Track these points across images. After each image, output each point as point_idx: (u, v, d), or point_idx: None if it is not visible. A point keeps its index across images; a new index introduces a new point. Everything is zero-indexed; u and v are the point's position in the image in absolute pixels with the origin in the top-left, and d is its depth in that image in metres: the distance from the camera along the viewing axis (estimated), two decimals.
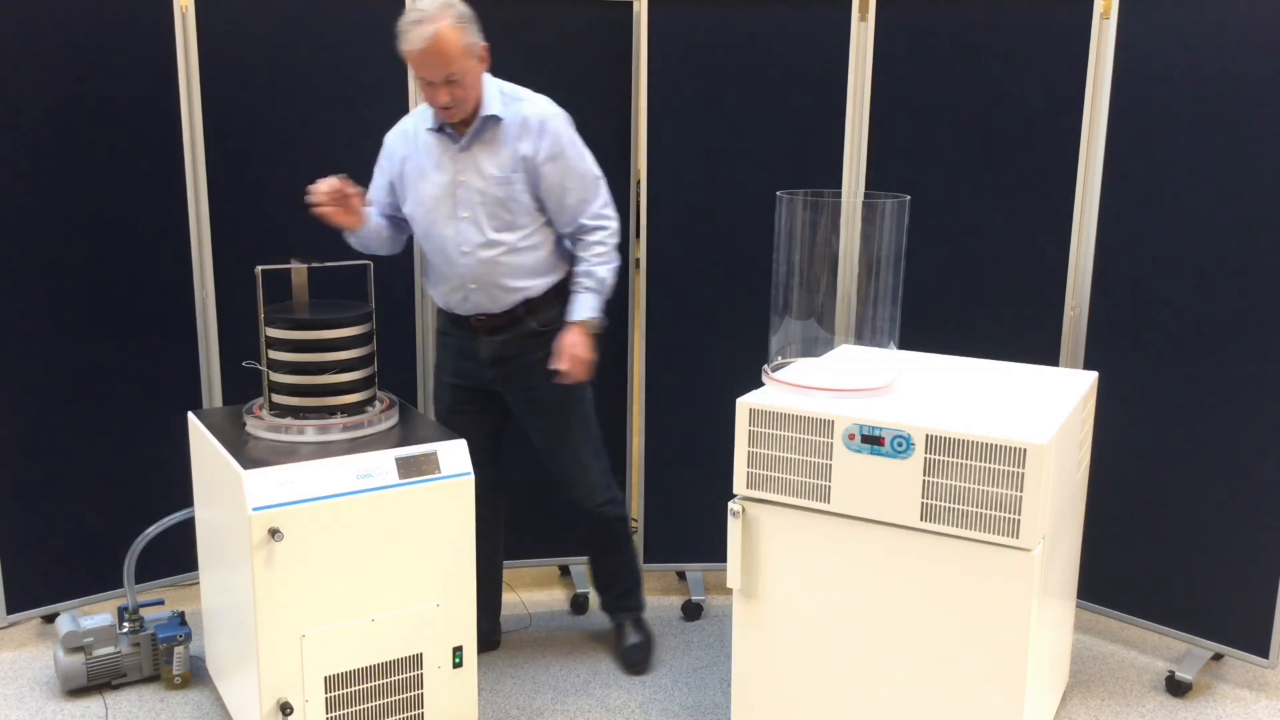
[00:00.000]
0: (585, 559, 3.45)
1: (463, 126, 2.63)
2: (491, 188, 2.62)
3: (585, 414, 2.84)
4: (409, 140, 2.71)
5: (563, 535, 3.42)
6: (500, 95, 2.63)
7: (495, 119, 2.61)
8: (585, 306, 2.67)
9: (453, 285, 2.71)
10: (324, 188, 2.53)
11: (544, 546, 3.41)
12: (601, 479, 2.87)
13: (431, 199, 2.66)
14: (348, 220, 2.62)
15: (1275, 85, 2.67)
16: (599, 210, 2.70)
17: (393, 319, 3.22)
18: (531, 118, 2.62)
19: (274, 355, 2.53)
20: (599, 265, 2.69)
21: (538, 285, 2.70)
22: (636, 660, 2.99)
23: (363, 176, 3.11)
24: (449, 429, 2.82)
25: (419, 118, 2.71)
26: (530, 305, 2.71)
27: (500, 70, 3.12)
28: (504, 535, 3.08)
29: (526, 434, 2.96)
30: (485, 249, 2.65)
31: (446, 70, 2.48)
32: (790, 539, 2.37)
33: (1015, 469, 2.13)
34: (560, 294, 2.74)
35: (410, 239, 2.91)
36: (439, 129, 2.65)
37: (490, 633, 3.09)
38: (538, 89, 3.17)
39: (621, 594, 3.05)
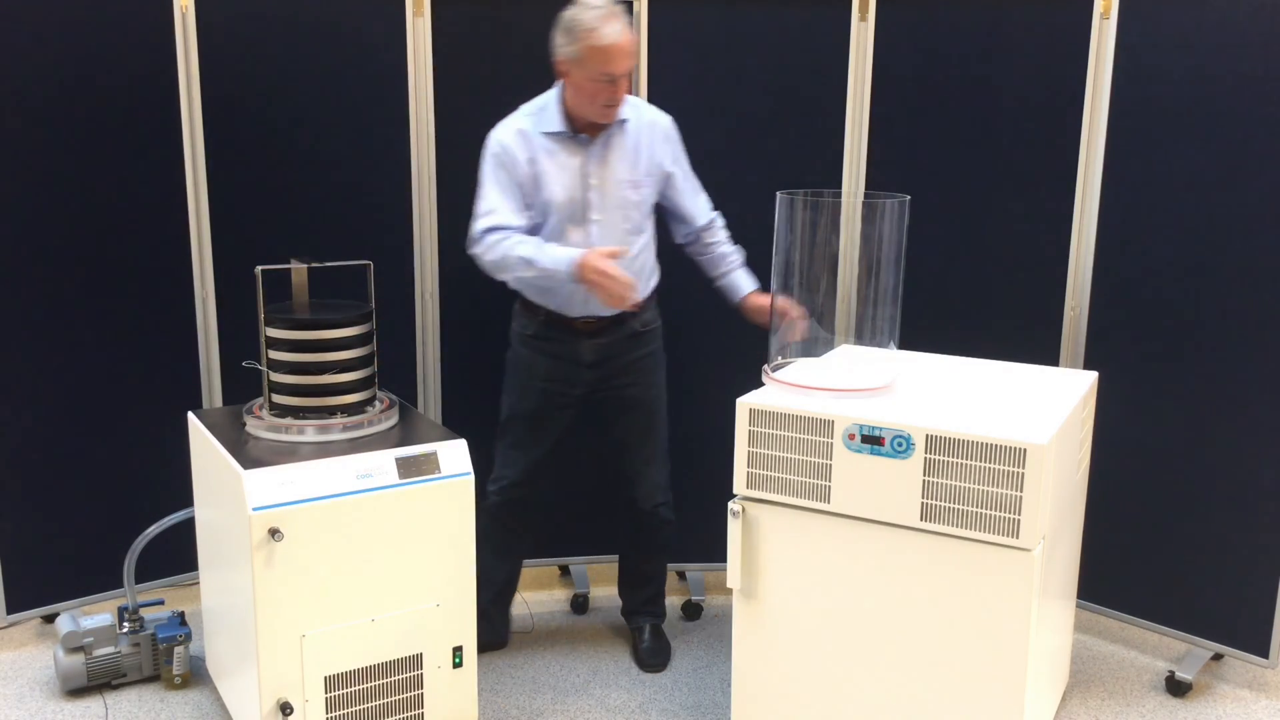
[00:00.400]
0: (590, 559, 3.45)
1: (592, 129, 2.65)
2: (624, 191, 2.69)
3: (664, 416, 2.93)
4: (527, 142, 2.66)
5: (563, 535, 3.41)
6: (626, 98, 2.69)
7: (623, 122, 2.69)
8: (749, 278, 2.88)
9: (570, 288, 2.69)
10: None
11: (544, 546, 3.41)
12: (664, 481, 2.96)
13: (562, 202, 2.66)
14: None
15: (1275, 85, 2.67)
16: (709, 204, 2.89)
17: (393, 319, 3.22)
18: (658, 123, 2.74)
19: (274, 355, 2.53)
20: (735, 247, 2.90)
21: (647, 287, 2.80)
22: (655, 663, 3.01)
23: (363, 176, 3.12)
24: (532, 431, 2.84)
25: (527, 120, 2.68)
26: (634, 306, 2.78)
27: (501, 71, 3.12)
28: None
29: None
30: (627, 255, 2.70)
31: (630, 64, 2.55)
32: (790, 539, 2.37)
33: (1015, 469, 2.13)
34: (653, 299, 2.87)
35: None
36: (561, 132, 2.64)
37: (503, 634, 3.11)
38: (538, 89, 3.17)
39: (650, 598, 3.09)
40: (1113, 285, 2.98)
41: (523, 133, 2.66)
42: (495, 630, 3.06)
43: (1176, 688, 2.90)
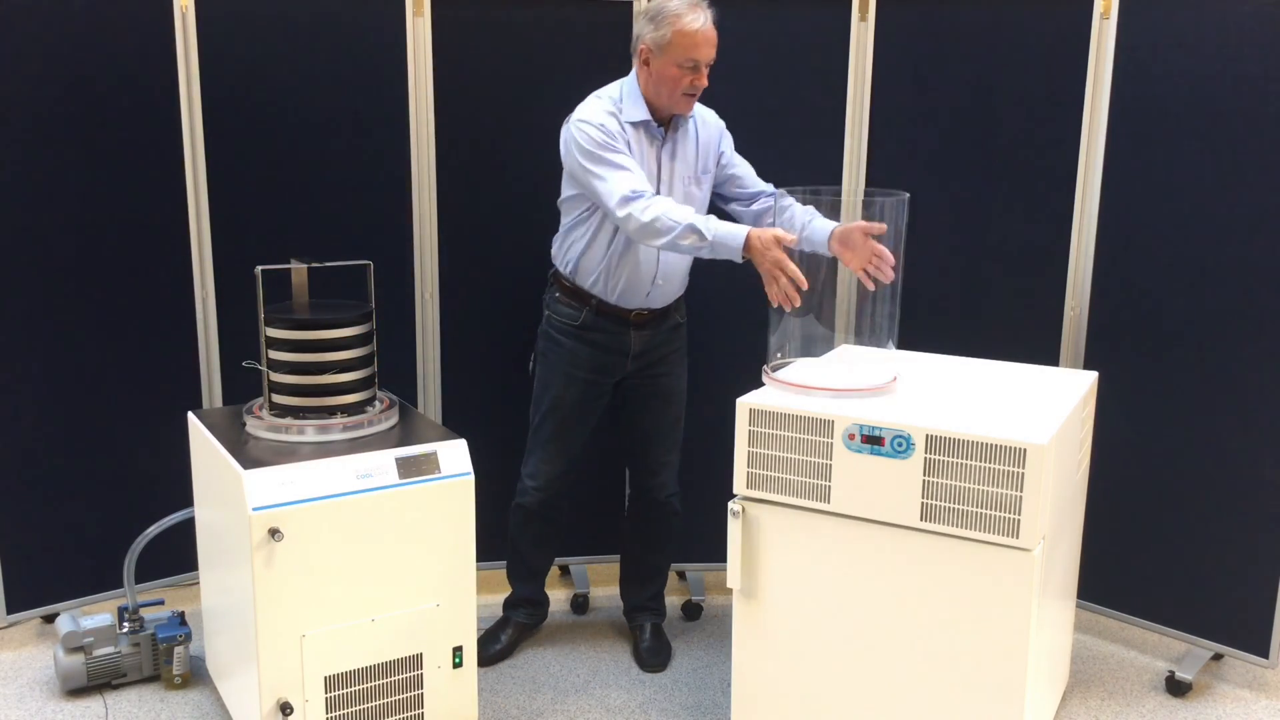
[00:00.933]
0: (590, 559, 3.45)
1: (665, 121, 2.74)
2: (689, 186, 2.74)
3: (681, 413, 2.98)
4: (620, 126, 2.67)
5: (563, 535, 3.41)
6: None
7: (690, 117, 2.74)
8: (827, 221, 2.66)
9: (641, 279, 2.76)
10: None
11: None
12: (673, 474, 3.00)
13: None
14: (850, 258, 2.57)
15: (1275, 85, 2.67)
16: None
17: (393, 319, 3.22)
18: (708, 118, 2.80)
19: (274, 355, 2.53)
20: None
21: (687, 278, 2.89)
22: (656, 663, 3.02)
23: (363, 176, 3.11)
24: (572, 423, 2.87)
25: (611, 105, 2.68)
26: (679, 300, 2.89)
27: (501, 69, 3.12)
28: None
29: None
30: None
31: (713, 53, 2.62)
32: (790, 539, 2.37)
33: (1015, 469, 2.13)
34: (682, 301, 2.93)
35: None
36: (644, 121, 2.68)
37: (546, 606, 3.20)
38: (538, 89, 3.18)
39: (654, 595, 3.11)
40: (1113, 285, 2.98)
41: (614, 116, 2.67)
42: (543, 610, 3.18)
43: (1176, 688, 2.90)
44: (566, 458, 2.93)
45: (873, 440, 2.25)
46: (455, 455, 2.49)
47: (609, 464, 3.39)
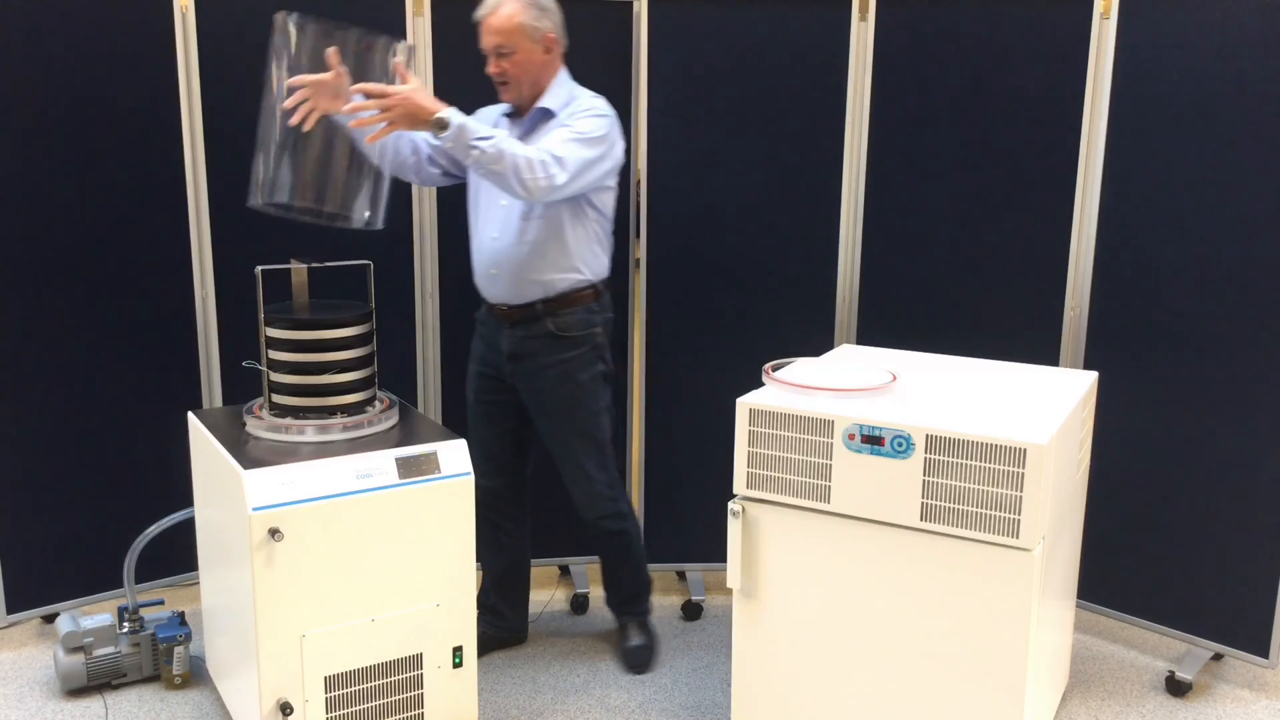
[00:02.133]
0: (590, 559, 3.45)
1: (523, 111, 2.72)
2: None
3: (590, 426, 2.83)
4: (492, 116, 2.80)
5: (563, 535, 3.41)
6: (567, 94, 2.71)
7: (549, 114, 2.68)
8: (465, 118, 2.41)
9: (482, 268, 2.79)
10: (298, 93, 2.38)
11: (544, 546, 3.40)
12: (605, 492, 2.87)
13: (483, 181, 2.74)
14: (336, 106, 2.42)
15: (1274, 85, 2.67)
16: (552, 151, 2.51)
17: (393, 319, 3.22)
18: (587, 105, 2.68)
19: (274, 355, 2.53)
20: (514, 142, 2.46)
21: (556, 281, 2.72)
22: (639, 661, 3.00)
23: None
24: (474, 417, 2.84)
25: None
26: (549, 305, 2.73)
27: None
28: (530, 532, 3.10)
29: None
30: (509, 237, 2.70)
31: (496, 40, 2.61)
32: (790, 539, 2.37)
33: (1015, 469, 2.13)
34: (581, 302, 2.77)
35: (441, 187, 3.02)
36: (509, 114, 2.76)
37: (520, 630, 3.12)
38: None
39: (626, 599, 3.06)
40: (1113, 285, 2.98)
41: (496, 107, 2.82)
42: (507, 624, 3.08)
43: (1176, 688, 2.90)
44: (484, 454, 2.92)
45: (873, 440, 2.25)
46: (455, 455, 2.49)
47: None
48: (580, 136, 2.58)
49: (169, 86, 3.01)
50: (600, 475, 2.86)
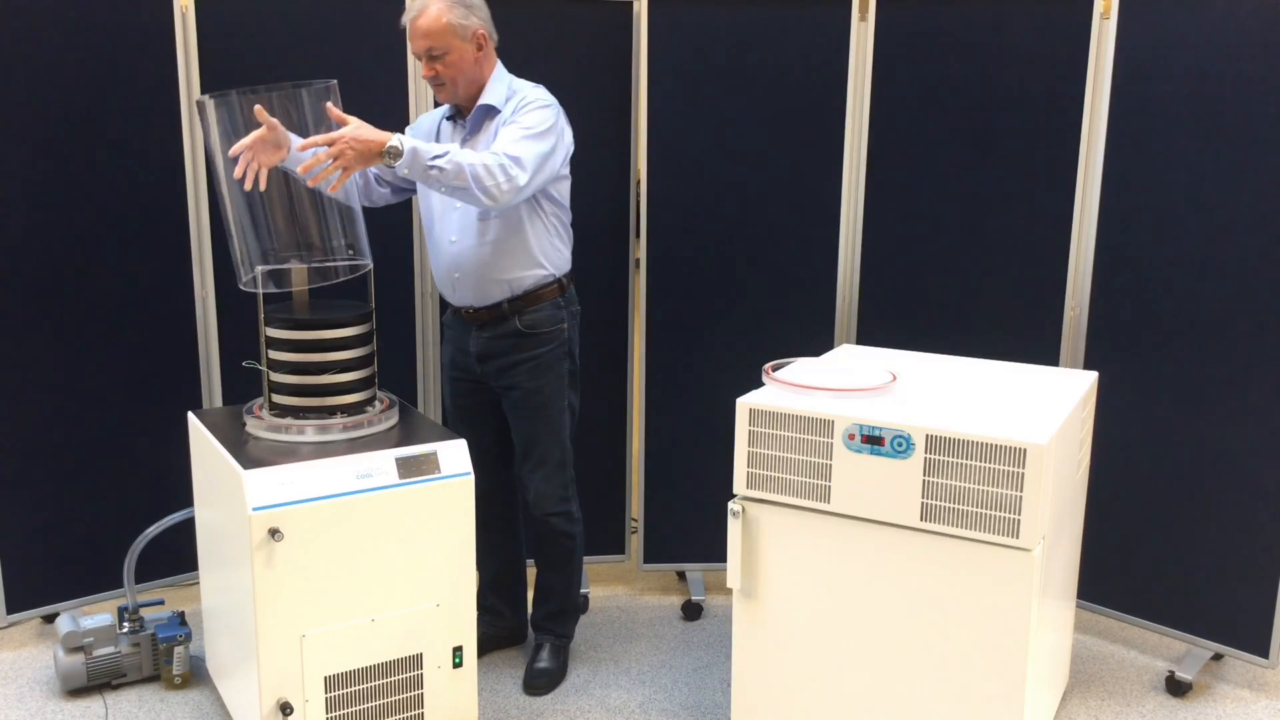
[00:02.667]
0: (590, 559, 3.45)
1: (465, 113, 2.69)
2: None
3: (555, 423, 2.80)
4: (433, 122, 2.79)
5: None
6: (507, 89, 2.67)
7: (493, 110, 2.65)
8: (416, 141, 2.37)
9: (443, 273, 2.76)
10: (241, 156, 2.37)
11: None
12: (556, 491, 2.83)
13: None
14: (278, 157, 2.42)
15: (1275, 85, 2.67)
16: (507, 151, 2.47)
17: (393, 319, 3.22)
18: (530, 96, 2.63)
19: (274, 355, 2.53)
20: (466, 152, 2.41)
21: (520, 279, 2.70)
22: (539, 685, 2.89)
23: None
24: (454, 423, 2.84)
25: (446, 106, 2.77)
26: (515, 304, 2.71)
27: None
28: (522, 531, 3.07)
29: None
30: (469, 239, 2.67)
31: (427, 44, 2.56)
32: (790, 539, 2.37)
33: (1015, 469, 2.13)
34: (547, 298, 2.74)
35: (394, 205, 2.95)
36: (450, 117, 2.73)
37: (519, 629, 3.11)
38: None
39: (550, 614, 2.97)
40: (1113, 285, 2.98)
41: (433, 115, 2.81)
42: (506, 624, 3.07)
43: (1176, 688, 2.90)
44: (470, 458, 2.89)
45: (873, 440, 2.25)
46: (455, 455, 2.49)
47: (610, 465, 3.39)
48: (530, 132, 2.54)
49: (169, 86, 3.01)
50: (558, 474, 2.83)
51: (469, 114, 2.68)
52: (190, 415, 2.70)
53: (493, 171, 2.43)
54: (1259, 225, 2.73)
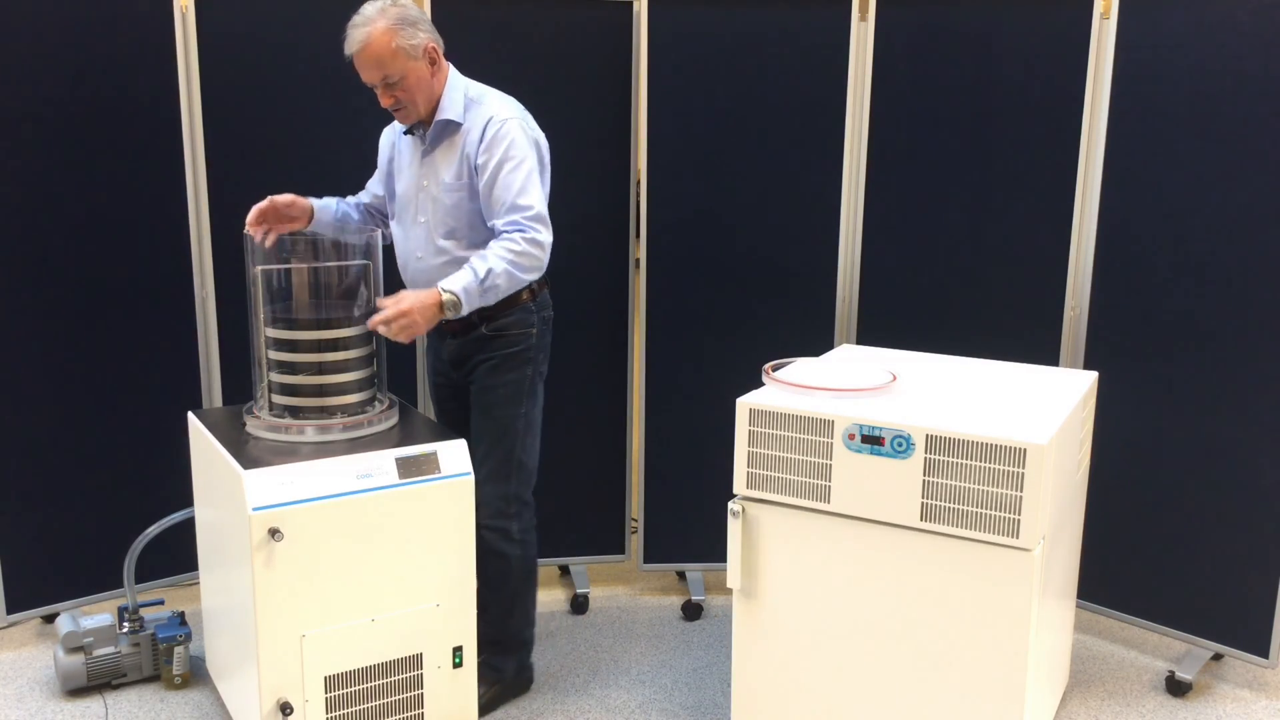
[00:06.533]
0: (591, 559, 3.45)
1: (427, 130, 2.62)
2: (443, 195, 2.59)
3: (502, 429, 2.66)
4: (396, 136, 2.74)
5: (562, 535, 3.41)
6: (464, 99, 2.59)
7: (453, 124, 2.58)
8: (455, 279, 2.45)
9: (407, 283, 2.72)
10: (253, 216, 2.59)
11: (543, 547, 3.40)
12: (494, 502, 2.66)
13: (402, 199, 2.69)
14: (291, 227, 2.67)
15: (1274, 85, 2.67)
16: (518, 218, 2.51)
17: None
18: (487, 121, 2.54)
19: (274, 355, 2.53)
20: (496, 254, 2.47)
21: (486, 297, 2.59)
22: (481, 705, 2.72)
23: (363, 176, 3.11)
24: (442, 426, 2.83)
25: None
26: (485, 311, 2.61)
27: (501, 70, 3.12)
28: None
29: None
30: (433, 256, 2.64)
31: (381, 73, 2.49)
32: (790, 539, 2.37)
33: (1015, 469, 2.13)
34: (517, 303, 2.64)
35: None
36: (410, 131, 2.66)
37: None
38: (538, 89, 3.17)
39: (486, 640, 2.75)
40: (1113, 285, 2.98)
41: (395, 128, 2.75)
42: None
43: (1176, 688, 2.90)
44: None
45: (873, 440, 2.25)
46: (455, 455, 2.49)
47: (610, 465, 3.40)
48: (518, 168, 2.50)
49: (169, 86, 3.01)
50: (499, 483, 2.66)
51: (429, 126, 2.60)
52: (190, 415, 2.70)
53: (527, 253, 2.49)
54: (1259, 225, 2.73)
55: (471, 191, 2.58)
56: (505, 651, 2.78)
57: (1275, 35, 2.65)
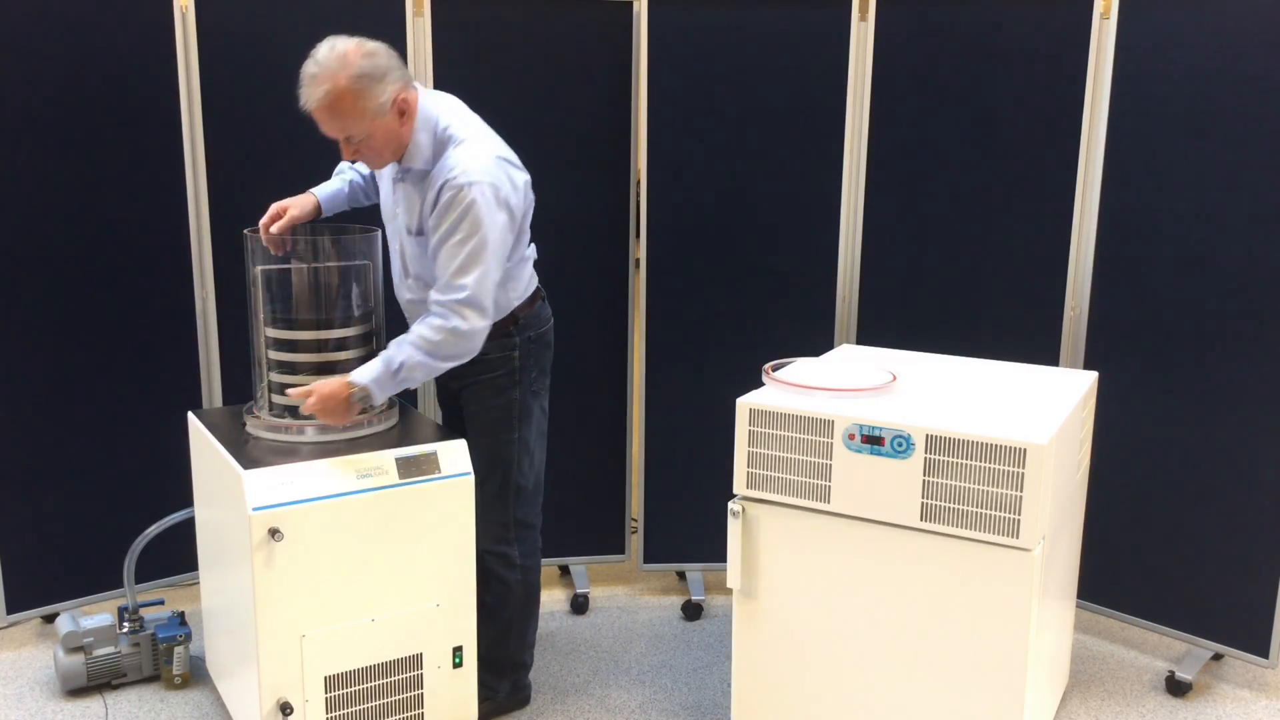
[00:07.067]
0: (590, 559, 3.45)
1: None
2: (406, 238, 2.51)
3: (495, 454, 2.60)
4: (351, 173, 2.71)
5: (562, 535, 3.41)
6: (433, 141, 2.40)
7: (426, 171, 2.42)
8: (365, 369, 2.38)
9: (408, 317, 2.66)
10: (270, 231, 2.52)
11: (543, 547, 3.40)
12: (492, 528, 2.62)
13: (383, 211, 2.62)
14: (302, 220, 2.57)
15: (1274, 85, 2.67)
16: (449, 299, 2.34)
17: (393, 319, 3.22)
18: (444, 182, 2.33)
19: (274, 355, 2.53)
20: (413, 341, 2.36)
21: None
22: None
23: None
24: (449, 430, 2.83)
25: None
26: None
27: (501, 70, 3.12)
28: None
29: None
30: (405, 291, 2.60)
31: (343, 132, 2.33)
32: (790, 539, 2.37)
33: (1015, 469, 2.13)
34: (499, 328, 2.53)
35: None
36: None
37: None
38: (538, 89, 3.17)
39: (481, 656, 2.70)
40: (1113, 285, 2.98)
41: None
42: None
43: (1176, 688, 2.90)
44: None
45: (873, 440, 2.25)
46: (455, 455, 2.49)
47: (610, 465, 3.40)
48: (460, 246, 2.32)
49: (169, 86, 3.01)
50: (496, 509, 2.61)
51: (399, 169, 2.47)
52: (190, 415, 2.70)
53: (446, 341, 2.35)
54: (1259, 225, 2.73)
55: (427, 246, 2.45)
56: (499, 672, 2.74)
57: (1275, 35, 2.65)
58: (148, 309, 3.09)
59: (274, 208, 2.57)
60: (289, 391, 2.44)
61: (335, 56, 2.28)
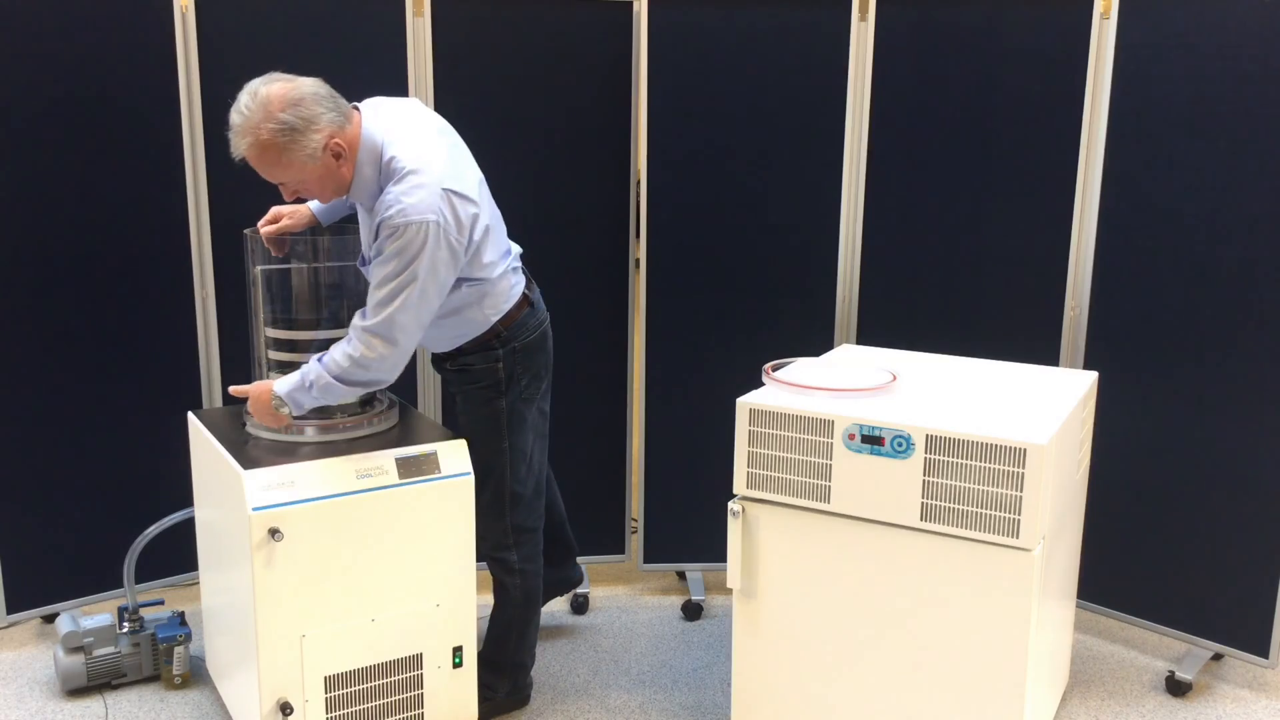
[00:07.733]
0: (590, 558, 3.45)
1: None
2: (363, 269, 2.50)
3: (487, 463, 2.58)
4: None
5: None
6: (378, 174, 2.33)
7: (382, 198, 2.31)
8: (286, 380, 2.37)
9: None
10: (269, 230, 2.54)
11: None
12: (492, 535, 2.63)
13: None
14: (296, 229, 2.58)
15: (1274, 85, 2.67)
16: (363, 323, 2.31)
17: None
18: (384, 219, 2.26)
19: (274, 355, 2.53)
20: (324, 360, 2.35)
21: (455, 339, 2.54)
22: None
23: None
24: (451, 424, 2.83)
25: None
26: (460, 347, 2.56)
27: (501, 70, 3.12)
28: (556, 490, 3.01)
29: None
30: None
31: (275, 179, 2.30)
32: (790, 539, 2.37)
33: (1015, 469, 2.13)
34: (478, 340, 2.52)
35: None
36: None
37: (557, 583, 3.07)
38: (538, 89, 3.17)
39: (483, 659, 2.73)
40: (1113, 285, 2.98)
41: None
42: (570, 580, 3.11)
43: (1176, 688, 2.90)
44: None
45: (873, 440, 2.25)
46: (455, 455, 2.49)
47: (610, 465, 3.40)
48: (389, 279, 2.26)
49: (169, 86, 3.01)
50: (493, 517, 2.61)
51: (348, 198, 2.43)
52: (190, 415, 2.70)
53: (353, 369, 2.32)
54: (1259, 225, 2.73)
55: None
56: (498, 672, 2.74)
57: (1275, 35, 2.65)
58: (148, 309, 3.09)
59: (271, 212, 2.59)
60: (230, 388, 2.46)
61: (258, 105, 2.20)
